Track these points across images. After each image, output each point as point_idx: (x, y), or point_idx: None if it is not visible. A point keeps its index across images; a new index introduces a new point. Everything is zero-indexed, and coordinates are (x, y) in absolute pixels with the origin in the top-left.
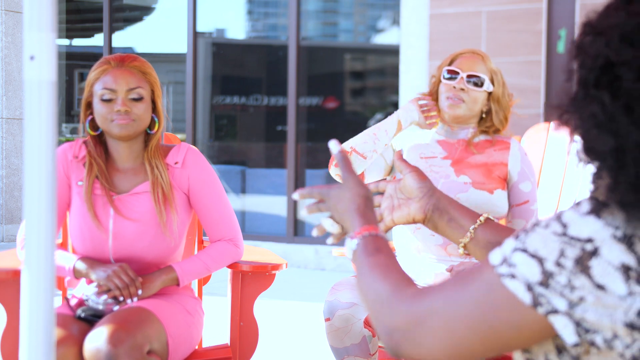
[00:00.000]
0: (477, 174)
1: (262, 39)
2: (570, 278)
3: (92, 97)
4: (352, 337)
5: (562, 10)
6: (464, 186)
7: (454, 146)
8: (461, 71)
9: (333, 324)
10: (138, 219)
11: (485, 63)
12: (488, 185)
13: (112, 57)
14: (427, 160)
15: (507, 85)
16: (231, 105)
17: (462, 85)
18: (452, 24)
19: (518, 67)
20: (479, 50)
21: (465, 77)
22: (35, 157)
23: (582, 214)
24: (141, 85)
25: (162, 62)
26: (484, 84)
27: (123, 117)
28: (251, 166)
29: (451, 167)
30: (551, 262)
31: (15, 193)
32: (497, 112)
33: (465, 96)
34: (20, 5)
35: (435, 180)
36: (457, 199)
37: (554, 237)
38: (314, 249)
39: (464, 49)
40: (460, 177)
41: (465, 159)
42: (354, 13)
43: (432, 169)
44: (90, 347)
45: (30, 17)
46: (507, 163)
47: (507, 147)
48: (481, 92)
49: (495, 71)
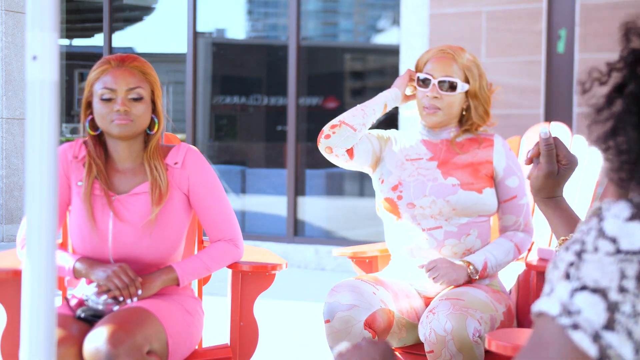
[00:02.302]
0: (465, 174)
1: (262, 39)
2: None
3: (92, 96)
4: (352, 338)
5: (562, 10)
6: (452, 188)
7: (438, 146)
8: (432, 77)
9: (333, 325)
10: (137, 220)
11: (456, 61)
12: (476, 185)
13: (113, 57)
14: (414, 162)
15: (483, 73)
16: (231, 105)
17: (435, 93)
18: (452, 24)
19: (518, 67)
20: (450, 47)
21: (437, 84)
22: (37, 156)
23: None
24: (141, 86)
25: (162, 62)
26: (457, 86)
27: (122, 117)
28: (251, 166)
29: (438, 169)
30: (614, 289)
31: (15, 193)
32: (476, 108)
33: (439, 103)
34: (20, 5)
35: (422, 183)
36: (447, 201)
37: (609, 259)
38: (314, 249)
39: (434, 49)
40: (448, 179)
41: (451, 159)
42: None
43: (419, 171)
44: (90, 347)
45: (32, 17)
46: (492, 160)
47: (491, 144)
48: (456, 94)
49: (469, 66)
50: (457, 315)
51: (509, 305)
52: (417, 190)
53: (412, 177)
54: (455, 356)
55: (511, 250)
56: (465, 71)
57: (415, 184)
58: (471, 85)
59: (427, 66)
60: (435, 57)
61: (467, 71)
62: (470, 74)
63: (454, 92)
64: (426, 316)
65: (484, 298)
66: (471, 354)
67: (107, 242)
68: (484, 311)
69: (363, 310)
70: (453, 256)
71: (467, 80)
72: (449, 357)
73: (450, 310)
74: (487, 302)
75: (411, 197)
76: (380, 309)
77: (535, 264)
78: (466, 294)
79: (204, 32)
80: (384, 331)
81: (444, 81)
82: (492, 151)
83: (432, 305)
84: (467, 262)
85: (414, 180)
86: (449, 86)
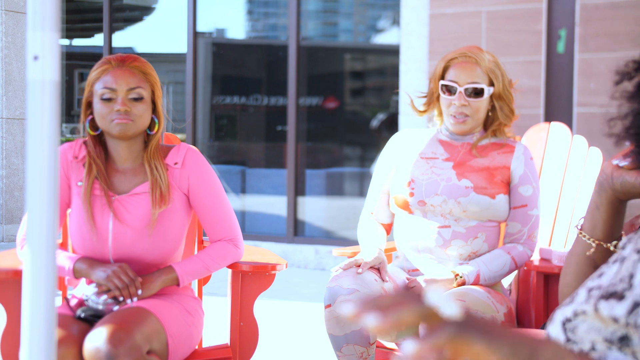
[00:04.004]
0: (479, 178)
1: (262, 39)
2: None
3: (93, 96)
4: (353, 325)
5: (562, 10)
6: (465, 190)
7: (457, 149)
8: (458, 85)
9: (334, 310)
10: (138, 220)
11: (480, 65)
12: (490, 190)
13: (113, 57)
14: (428, 161)
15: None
16: (231, 105)
17: (463, 101)
18: (452, 24)
19: (518, 67)
20: (470, 50)
21: (463, 91)
22: (37, 156)
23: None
24: (141, 86)
25: (162, 62)
26: (484, 91)
27: (123, 116)
28: (251, 166)
29: (453, 169)
30: None
31: (16, 193)
32: (501, 108)
33: (468, 110)
34: (20, 5)
35: (435, 182)
36: (458, 202)
37: None
38: (314, 249)
39: (454, 52)
40: (462, 180)
41: (468, 162)
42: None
43: (433, 170)
44: (90, 347)
45: (33, 17)
46: (509, 166)
47: (512, 150)
48: (483, 99)
49: (491, 68)
50: None
51: (510, 307)
52: (429, 189)
53: (426, 175)
54: None
55: (507, 263)
56: (488, 74)
57: (427, 182)
58: (495, 87)
59: (450, 72)
60: (458, 62)
61: (490, 74)
62: (494, 76)
63: (482, 97)
64: None
65: (485, 299)
66: None
67: (107, 242)
68: (484, 312)
69: (364, 296)
70: (458, 257)
71: (492, 82)
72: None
73: None
74: (488, 303)
75: (423, 194)
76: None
77: (535, 264)
78: (467, 295)
79: (204, 32)
80: None
81: (470, 88)
82: (511, 157)
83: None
84: (456, 274)
85: (427, 179)
86: (476, 92)
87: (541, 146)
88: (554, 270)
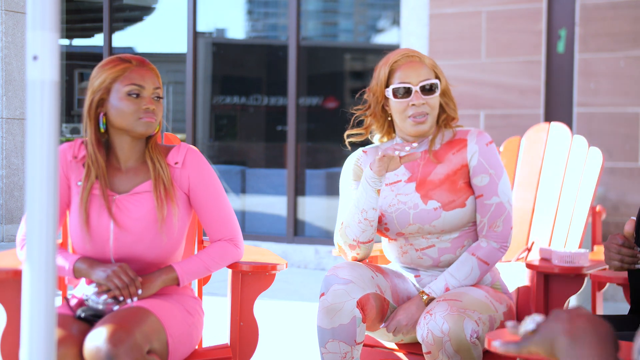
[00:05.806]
0: (443, 193)
1: (262, 39)
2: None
3: (108, 94)
4: (342, 316)
5: (562, 10)
6: (435, 212)
7: (417, 162)
8: (412, 84)
9: (326, 299)
10: (138, 219)
11: (425, 63)
12: (458, 200)
13: (129, 56)
14: (392, 187)
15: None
16: (231, 105)
17: (421, 100)
18: (452, 24)
19: (518, 67)
20: (409, 51)
21: (419, 90)
22: (37, 156)
23: None
24: (160, 86)
25: (162, 62)
26: (437, 87)
27: (150, 114)
28: (251, 166)
29: (417, 192)
30: None
31: (16, 193)
32: (447, 104)
33: (427, 108)
34: (20, 5)
35: (404, 212)
36: (433, 226)
37: None
38: (314, 249)
39: (395, 55)
40: (429, 203)
41: (428, 176)
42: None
43: (399, 198)
44: (90, 346)
45: (33, 17)
46: (466, 163)
47: (464, 144)
48: (437, 95)
49: (434, 64)
50: (455, 316)
51: (510, 305)
52: (401, 221)
53: (393, 207)
54: (453, 357)
55: (474, 266)
56: (434, 70)
57: (397, 214)
58: (442, 82)
59: (397, 75)
60: (403, 63)
61: (435, 69)
62: (439, 71)
63: (435, 93)
64: (423, 317)
65: (483, 298)
66: (469, 355)
67: (108, 241)
68: (482, 312)
69: (358, 289)
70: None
71: (437, 77)
72: (447, 359)
73: (448, 312)
74: (487, 302)
75: (397, 227)
76: (375, 292)
77: (535, 264)
78: (465, 295)
79: (204, 32)
80: (376, 319)
81: (426, 85)
82: (465, 152)
83: (430, 307)
84: (423, 292)
85: (396, 210)
86: (430, 88)
87: (541, 146)
88: (553, 270)
